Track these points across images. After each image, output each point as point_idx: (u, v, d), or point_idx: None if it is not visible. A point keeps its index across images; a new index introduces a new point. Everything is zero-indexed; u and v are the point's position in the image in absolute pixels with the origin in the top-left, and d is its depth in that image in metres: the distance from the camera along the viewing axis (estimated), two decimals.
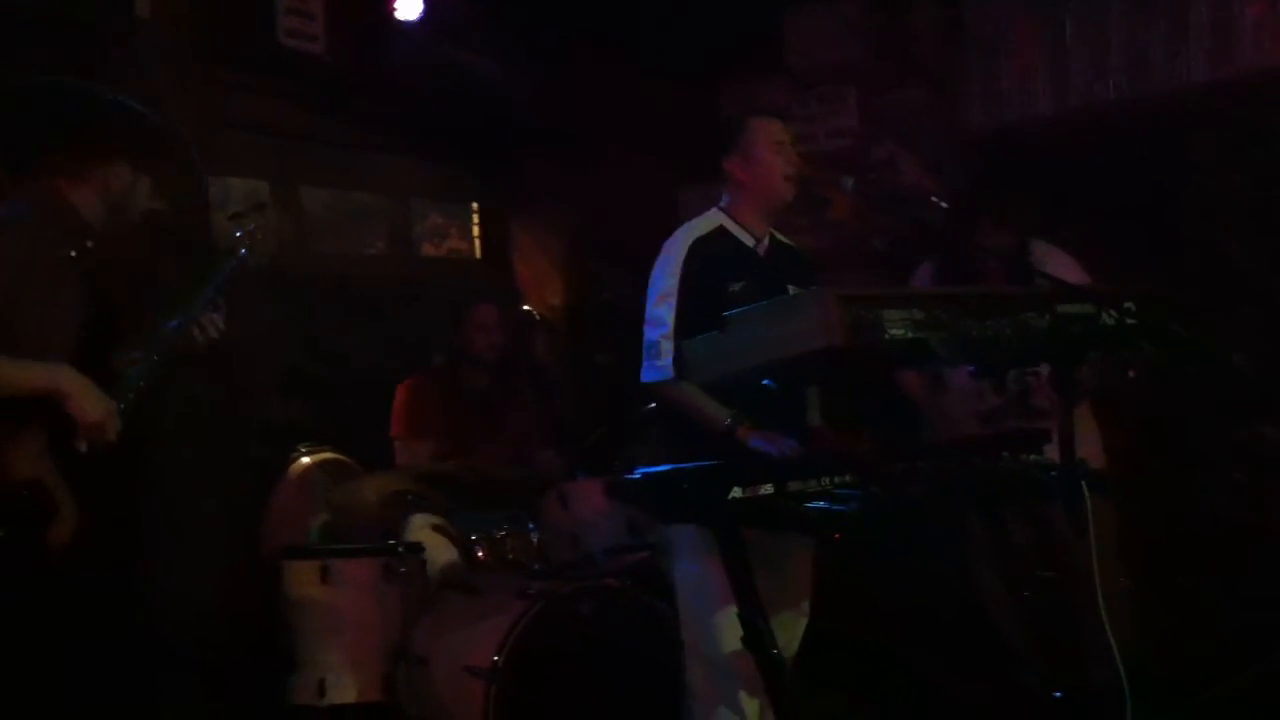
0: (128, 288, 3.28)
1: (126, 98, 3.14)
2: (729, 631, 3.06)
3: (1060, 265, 4.33)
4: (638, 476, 3.02)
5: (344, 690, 4.15)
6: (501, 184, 7.15)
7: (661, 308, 3.53)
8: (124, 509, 3.05)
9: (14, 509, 2.85)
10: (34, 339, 2.87)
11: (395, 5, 5.83)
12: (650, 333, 3.53)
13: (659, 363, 3.49)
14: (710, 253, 3.58)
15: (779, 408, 3.41)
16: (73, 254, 2.97)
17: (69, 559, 2.94)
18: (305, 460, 4.87)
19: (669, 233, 3.69)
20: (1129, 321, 2.88)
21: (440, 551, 4.50)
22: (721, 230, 3.66)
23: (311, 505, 4.72)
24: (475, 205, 7.28)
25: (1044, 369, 3.66)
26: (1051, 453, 3.17)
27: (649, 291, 3.59)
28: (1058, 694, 3.27)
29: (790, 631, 3.54)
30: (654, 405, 4.10)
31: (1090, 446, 3.42)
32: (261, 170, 6.14)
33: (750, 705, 3.37)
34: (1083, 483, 3.03)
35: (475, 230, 7.29)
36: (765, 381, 2.94)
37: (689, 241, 3.60)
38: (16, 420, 2.85)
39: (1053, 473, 3.10)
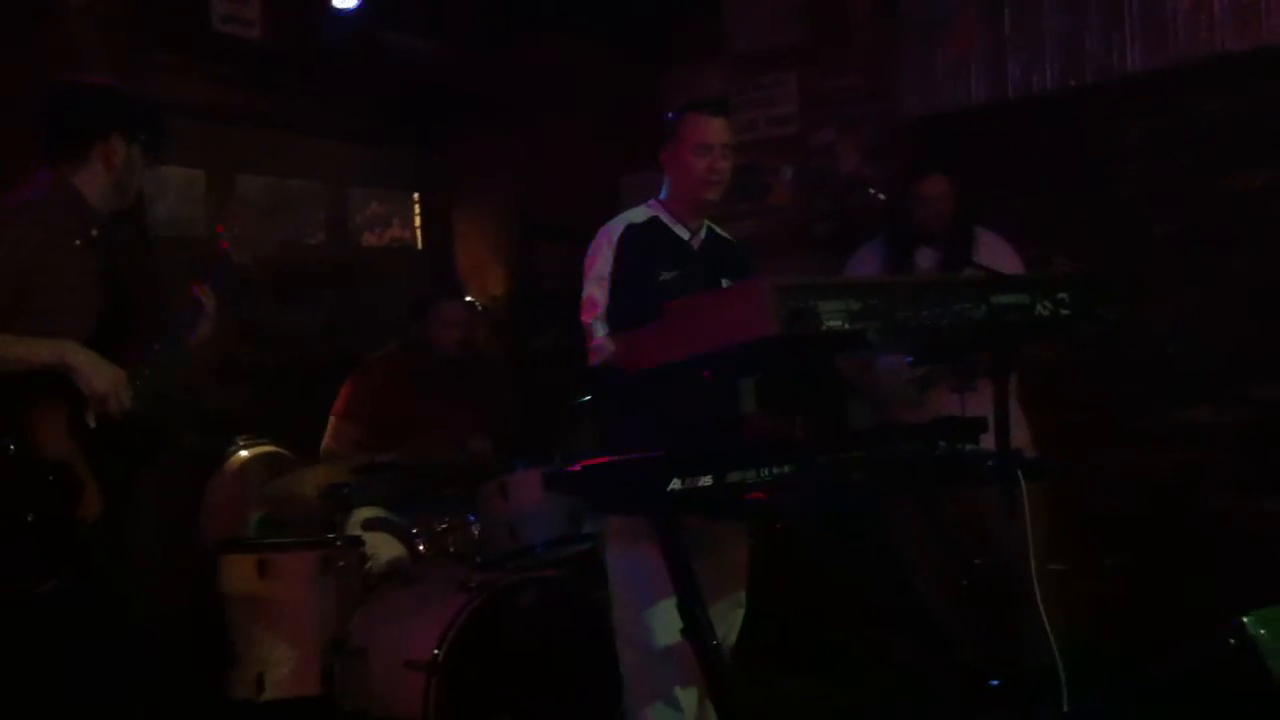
0: (128, 278, 3.38)
1: (104, 79, 3.34)
2: (666, 622, 3.05)
3: (1002, 254, 4.39)
4: (577, 468, 3.02)
5: (282, 684, 4.12)
6: (441, 172, 7.11)
7: (595, 291, 3.53)
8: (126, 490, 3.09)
9: (44, 490, 2.92)
10: (51, 322, 2.99)
11: None
12: (585, 314, 3.54)
13: (596, 342, 3.49)
14: (643, 242, 3.58)
15: (714, 397, 3.42)
16: (78, 242, 3.10)
17: (96, 540, 2.99)
18: (243, 454, 4.83)
19: (610, 218, 3.68)
20: (1063, 311, 2.91)
21: (384, 546, 4.48)
22: (655, 221, 3.66)
23: (249, 498, 4.67)
24: (416, 195, 7.23)
25: None
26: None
27: (585, 272, 3.59)
28: (994, 681, 3.31)
29: (728, 622, 3.54)
30: (589, 397, 4.09)
31: (1018, 434, 3.46)
32: (197, 158, 6.07)
33: (687, 696, 3.38)
34: (1018, 470, 3.07)
35: (417, 220, 7.25)
36: (704, 372, 2.94)
37: (622, 228, 3.60)
38: (38, 400, 2.94)
39: (989, 460, 3.14)
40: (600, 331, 3.49)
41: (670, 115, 3.69)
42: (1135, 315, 4.60)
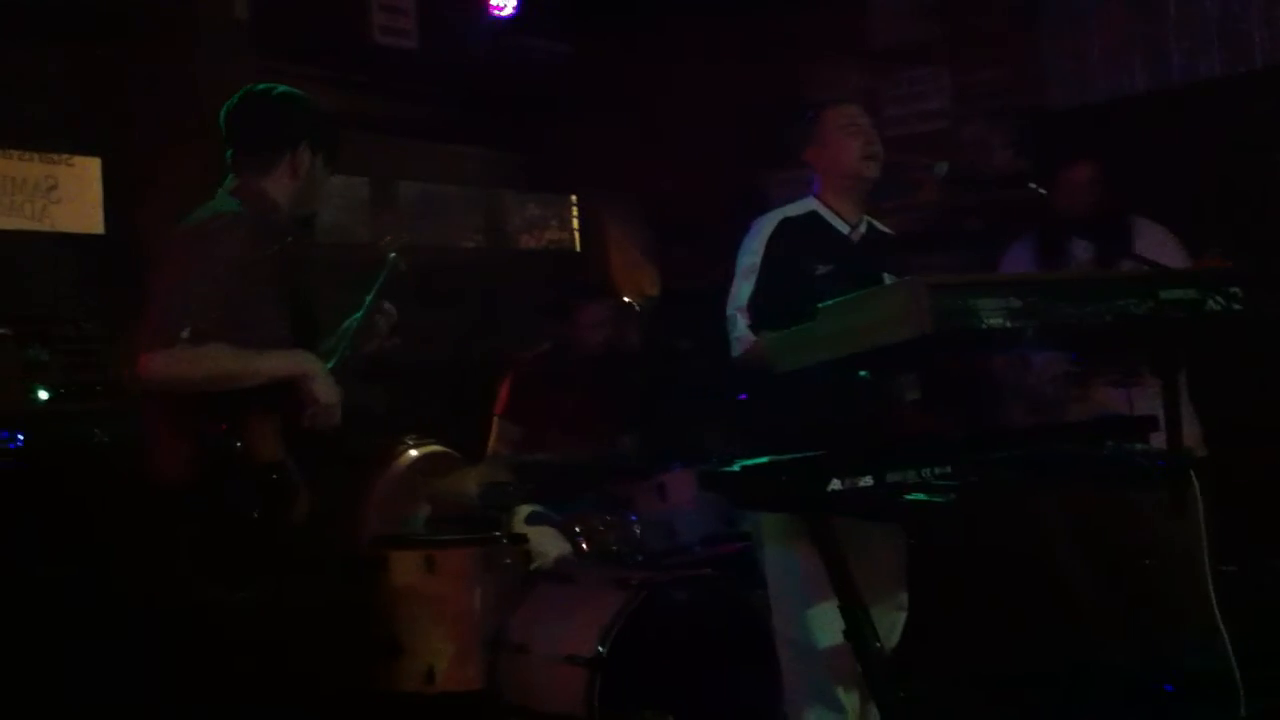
0: (307, 285, 3.43)
1: (296, 90, 3.36)
2: (826, 624, 3.06)
3: (1163, 244, 4.24)
4: (734, 469, 3.04)
5: (452, 677, 4.21)
6: (595, 174, 7.19)
7: (739, 283, 3.54)
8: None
9: (266, 490, 3.00)
10: (260, 334, 3.06)
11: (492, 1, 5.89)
12: (729, 307, 3.55)
13: (735, 334, 3.49)
14: (798, 235, 3.59)
15: (869, 396, 3.40)
16: (276, 248, 3.16)
17: (302, 541, 3.07)
18: (412, 453, 4.95)
19: (752, 218, 3.70)
20: (1235, 306, 2.83)
21: (549, 542, 4.55)
22: (813, 215, 3.66)
23: (415, 496, 4.79)
24: (574, 197, 7.32)
25: None
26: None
27: (736, 266, 3.60)
28: (1168, 687, 3.22)
29: (888, 623, 3.52)
30: (743, 395, 4.10)
31: (1189, 431, 3.36)
32: (359, 166, 6.25)
33: (849, 698, 3.37)
34: (1190, 470, 2.99)
35: (574, 222, 7.34)
36: (861, 374, 2.94)
37: (777, 220, 3.61)
38: (255, 404, 3.01)
39: (1159, 460, 3.06)
40: (742, 323, 3.49)
41: (808, 114, 3.70)
42: None
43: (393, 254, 3.64)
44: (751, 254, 3.55)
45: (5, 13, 4.78)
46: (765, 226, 3.60)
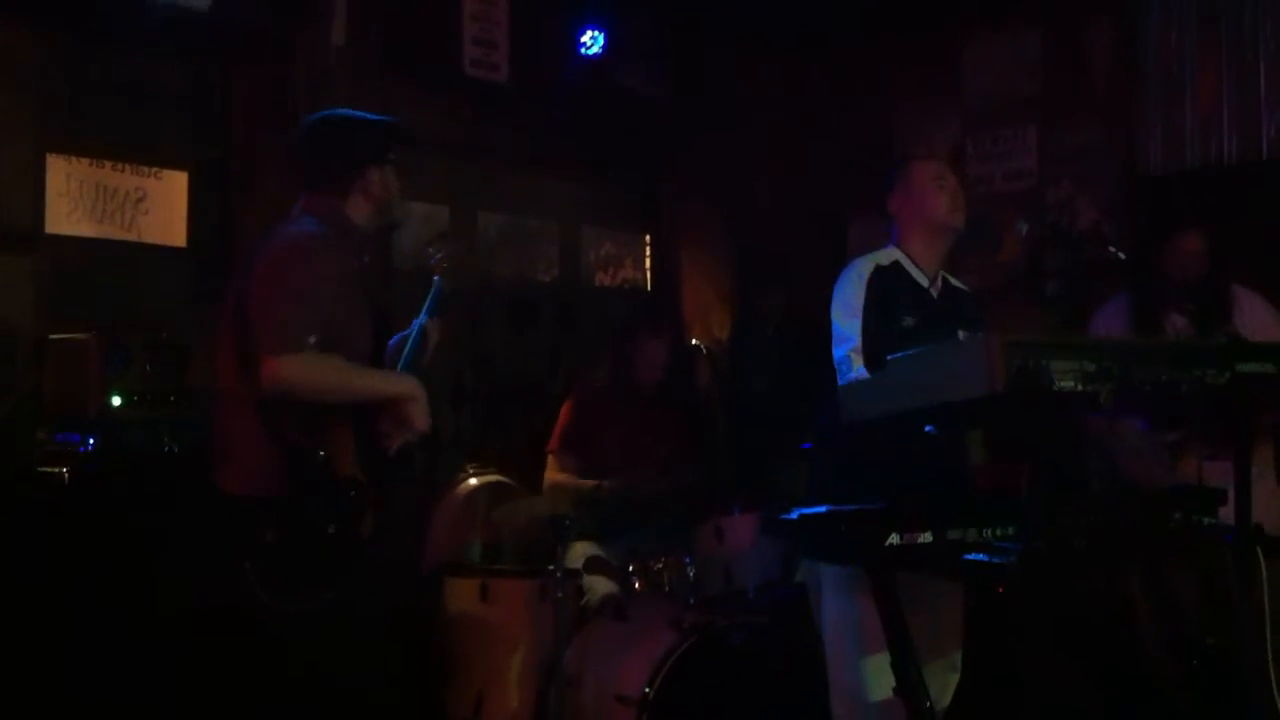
0: (382, 302, 3.55)
1: (364, 113, 3.45)
2: (880, 677, 3.03)
3: (1263, 315, 4.19)
4: (794, 516, 3.02)
5: (499, 706, 4.22)
6: (671, 213, 7.23)
7: (848, 324, 3.52)
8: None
9: (345, 505, 3.06)
10: (351, 351, 3.14)
11: (581, 39, 5.96)
12: (839, 350, 3.52)
13: (852, 375, 3.46)
14: (888, 284, 3.58)
15: (938, 450, 3.37)
16: (355, 267, 3.26)
17: (369, 558, 3.11)
18: (472, 481, 4.98)
19: (832, 263, 3.69)
20: None
21: (599, 584, 4.54)
22: (898, 265, 3.65)
23: (474, 524, 4.82)
24: (648, 236, 7.36)
25: None
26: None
27: (833, 309, 3.58)
28: None
29: (941, 683, 3.48)
30: (810, 442, 4.08)
31: (1272, 511, 3.27)
32: (442, 193, 6.33)
33: None
34: (1257, 547, 2.93)
35: (647, 261, 7.38)
36: (926, 428, 2.91)
37: (872, 266, 3.60)
38: (340, 420, 3.08)
39: (1227, 535, 3.00)
40: (858, 363, 3.45)
41: (892, 168, 3.70)
42: None
43: (437, 276, 3.72)
44: (855, 296, 3.54)
45: (109, 26, 4.91)
46: (864, 270, 3.59)
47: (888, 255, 3.67)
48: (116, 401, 4.20)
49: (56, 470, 4.02)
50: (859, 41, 6.39)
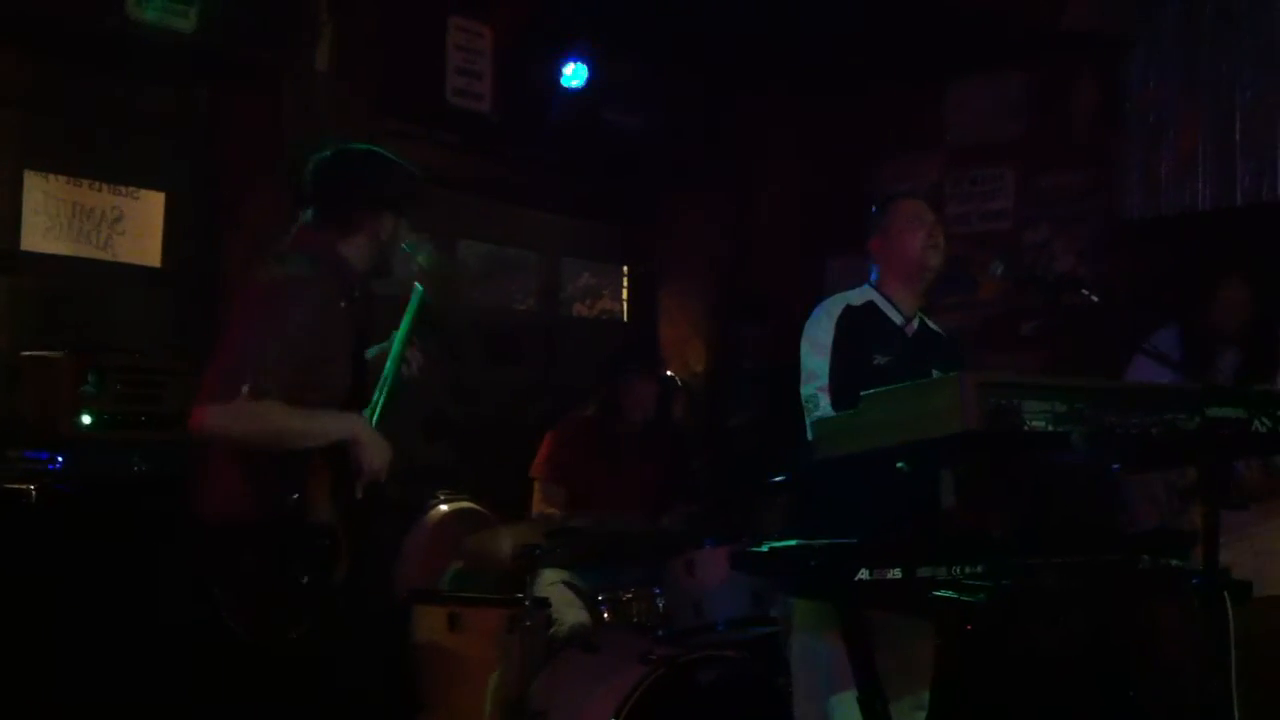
0: (370, 339, 3.48)
1: (388, 153, 3.37)
2: (846, 714, 3.01)
3: None
4: (764, 549, 3.02)
5: None
6: (649, 247, 7.25)
7: (817, 362, 3.54)
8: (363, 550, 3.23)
9: (317, 555, 3.03)
10: (326, 387, 3.10)
11: (564, 72, 5.99)
12: (806, 387, 3.54)
13: (818, 413, 3.47)
14: (860, 323, 3.61)
15: (910, 488, 3.38)
16: (342, 305, 3.19)
17: (338, 596, 3.08)
18: (443, 508, 4.96)
19: (813, 301, 3.71)
20: None
21: (568, 610, 4.53)
22: (871, 305, 3.68)
23: (445, 552, 4.80)
24: (625, 268, 7.39)
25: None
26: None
27: (803, 347, 3.60)
28: None
29: None
30: (783, 477, 4.08)
31: None
32: (422, 223, 6.32)
33: None
34: (1224, 591, 2.94)
35: (624, 293, 7.40)
36: (899, 465, 2.92)
37: (842, 305, 3.63)
38: (312, 465, 3.03)
39: (1194, 579, 3.01)
40: (824, 402, 3.47)
41: (874, 207, 3.73)
42: None
43: (419, 284, 3.66)
44: (825, 334, 3.57)
45: (94, 50, 4.91)
46: (833, 309, 3.63)
47: (861, 295, 3.70)
48: (87, 421, 4.17)
49: (24, 488, 3.99)
50: (843, 81, 6.44)
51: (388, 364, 3.45)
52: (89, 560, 3.98)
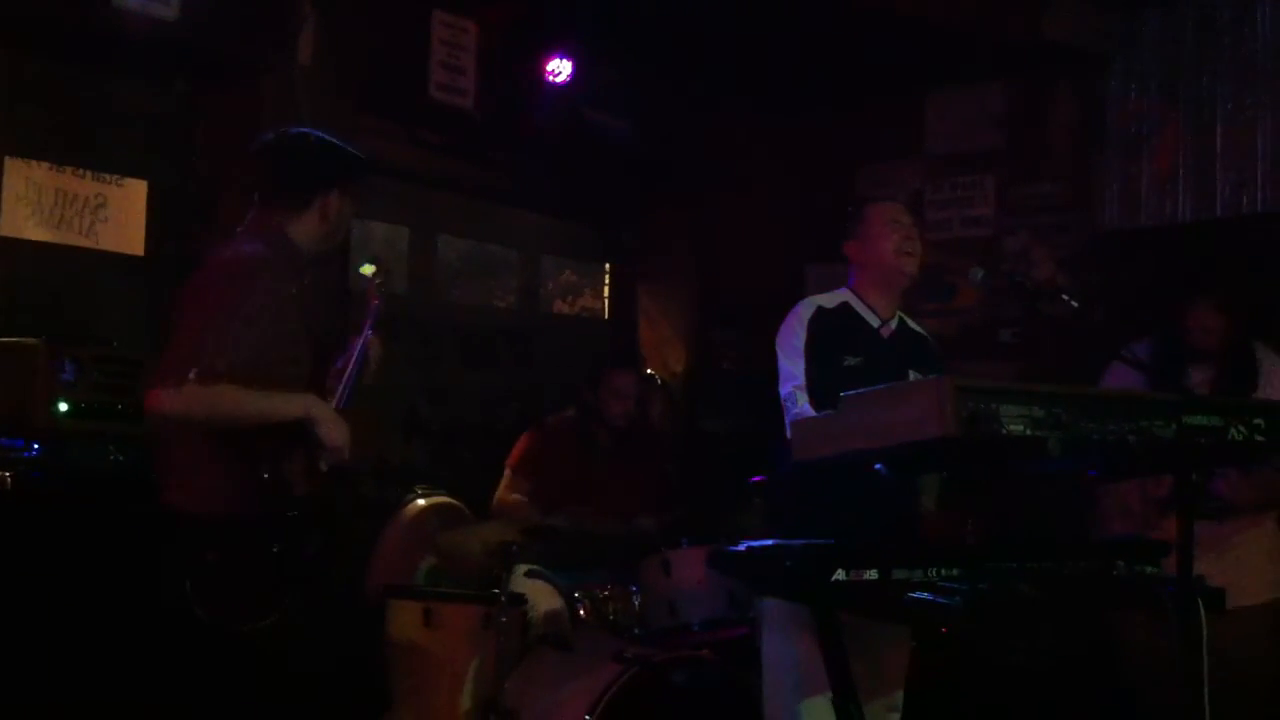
0: (323, 324, 3.49)
1: (332, 136, 3.43)
2: (818, 717, 3.02)
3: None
4: (741, 549, 3.02)
5: None
6: (631, 246, 7.25)
7: (792, 363, 3.56)
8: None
9: (296, 524, 3.06)
10: (284, 373, 3.12)
11: (547, 67, 5.99)
12: (784, 387, 3.55)
13: (796, 410, 3.48)
14: (831, 325, 3.61)
15: (888, 492, 3.39)
16: (293, 291, 3.22)
17: (307, 579, 3.10)
18: (420, 503, 4.94)
19: (793, 305, 3.72)
20: (1257, 438, 2.82)
21: (543, 599, 4.53)
22: (845, 306, 3.68)
23: (421, 547, 4.78)
24: (607, 266, 7.39)
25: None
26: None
27: (778, 350, 3.61)
28: None
29: None
30: (761, 478, 4.08)
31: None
32: (402, 216, 6.32)
33: None
34: (1198, 599, 2.95)
35: (606, 291, 7.40)
36: (876, 466, 2.92)
37: (814, 308, 3.64)
38: (286, 441, 3.07)
39: (1169, 586, 3.03)
40: (803, 399, 3.48)
41: (851, 208, 3.74)
42: None
43: (378, 280, 3.68)
44: (797, 337, 3.58)
45: (78, 42, 4.89)
46: (804, 312, 3.64)
47: (834, 298, 3.71)
48: (63, 408, 4.15)
49: None
50: (825, 89, 6.45)
51: (350, 363, 3.47)
52: (63, 549, 3.96)
